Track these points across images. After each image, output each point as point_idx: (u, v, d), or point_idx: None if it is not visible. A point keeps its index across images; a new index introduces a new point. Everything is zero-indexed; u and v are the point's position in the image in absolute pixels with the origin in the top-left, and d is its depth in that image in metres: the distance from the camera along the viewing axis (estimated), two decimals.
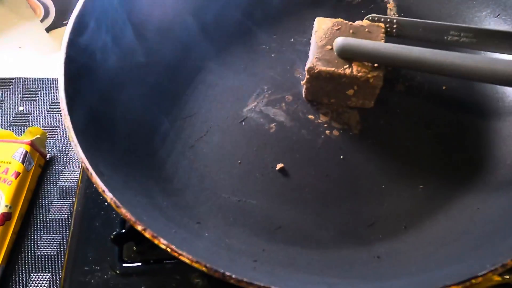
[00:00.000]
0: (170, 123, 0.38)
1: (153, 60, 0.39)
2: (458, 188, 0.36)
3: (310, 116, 0.40)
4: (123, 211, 0.24)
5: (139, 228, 0.24)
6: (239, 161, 0.37)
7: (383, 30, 0.38)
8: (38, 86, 0.54)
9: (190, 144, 0.38)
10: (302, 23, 0.41)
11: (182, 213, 0.32)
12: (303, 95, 0.40)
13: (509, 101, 0.40)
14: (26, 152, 0.44)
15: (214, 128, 0.39)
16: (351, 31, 0.38)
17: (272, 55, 0.43)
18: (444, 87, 0.42)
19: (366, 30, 0.38)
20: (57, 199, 0.45)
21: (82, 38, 0.32)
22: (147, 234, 0.24)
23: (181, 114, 0.39)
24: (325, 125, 0.39)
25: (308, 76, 0.37)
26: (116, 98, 0.35)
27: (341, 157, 0.38)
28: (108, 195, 0.25)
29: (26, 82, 0.54)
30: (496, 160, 0.37)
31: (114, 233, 0.33)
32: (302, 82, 0.39)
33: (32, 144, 0.45)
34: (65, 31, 0.32)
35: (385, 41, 0.38)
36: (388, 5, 0.47)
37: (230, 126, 0.39)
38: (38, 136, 0.46)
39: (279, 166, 0.37)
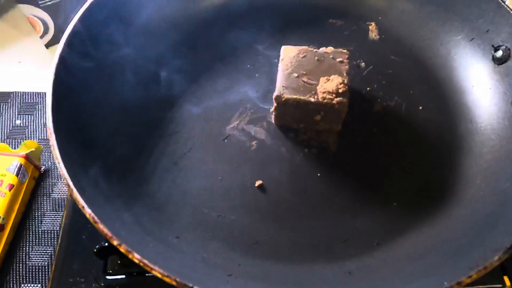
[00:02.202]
0: (155, 140, 0.40)
1: (140, 80, 0.41)
2: (430, 205, 0.37)
3: (290, 135, 0.41)
4: (100, 226, 0.26)
5: (115, 243, 0.26)
6: (220, 178, 0.39)
7: (347, 56, 0.40)
8: (35, 100, 0.55)
9: (174, 160, 0.39)
10: (287, 44, 0.43)
11: (162, 228, 0.34)
12: (273, 121, 0.42)
13: (480, 122, 0.41)
14: (21, 165, 0.46)
15: (198, 145, 0.40)
16: (316, 58, 0.39)
17: (256, 75, 0.45)
18: (420, 108, 0.43)
19: (331, 56, 0.39)
20: (50, 211, 0.46)
21: (71, 60, 0.34)
22: (122, 249, 0.25)
23: (166, 131, 0.41)
24: (304, 143, 0.41)
25: (276, 104, 0.39)
26: (102, 117, 0.37)
27: (318, 174, 0.39)
28: (87, 211, 0.27)
29: (24, 96, 0.56)
30: (466, 179, 0.38)
31: (97, 246, 0.34)
32: (271, 110, 0.40)
33: (27, 157, 0.46)
34: (55, 52, 0.34)
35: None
36: (370, 27, 0.48)
37: (212, 143, 0.41)
38: (33, 149, 0.47)
39: (258, 183, 0.39)
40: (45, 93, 0.55)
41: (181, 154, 0.40)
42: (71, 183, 0.27)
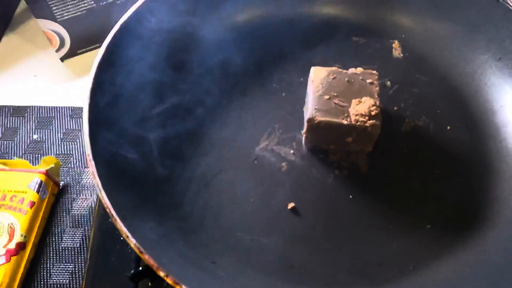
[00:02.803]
0: (185, 162, 0.40)
1: (169, 102, 0.41)
2: (464, 229, 0.37)
3: (319, 156, 0.41)
4: (147, 257, 0.26)
5: (162, 274, 0.25)
6: (252, 200, 0.39)
7: (377, 77, 0.40)
8: (52, 114, 0.55)
9: (205, 182, 0.39)
10: (311, 63, 0.43)
11: (198, 253, 0.34)
12: (302, 142, 0.41)
13: (511, 142, 0.41)
14: (41, 181, 0.45)
15: (227, 166, 0.40)
16: (346, 79, 0.39)
17: (283, 94, 0.45)
18: (448, 127, 0.43)
19: (361, 78, 0.39)
20: (70, 227, 0.46)
21: (105, 86, 0.33)
22: (169, 280, 0.25)
23: (196, 152, 0.41)
24: (334, 164, 0.41)
25: (307, 126, 0.38)
26: (136, 140, 0.36)
27: (350, 196, 0.39)
28: (132, 241, 0.26)
29: (40, 111, 0.55)
30: (499, 201, 0.38)
31: (132, 271, 0.34)
32: (302, 132, 0.40)
33: (47, 173, 0.46)
34: (89, 79, 0.34)
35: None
36: (393, 44, 0.48)
37: (243, 165, 0.40)
38: (53, 165, 0.47)
39: (290, 205, 0.38)
40: (61, 107, 0.55)
41: (212, 176, 0.39)
42: (114, 213, 0.27)
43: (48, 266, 0.44)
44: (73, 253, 0.44)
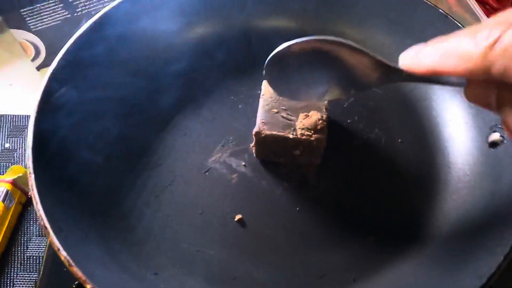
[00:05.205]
0: (137, 174, 0.40)
1: (122, 113, 0.42)
2: (405, 241, 0.38)
3: (270, 168, 0.42)
4: (74, 269, 0.26)
5: (88, 287, 0.26)
6: (200, 211, 0.39)
7: None
8: (25, 123, 0.56)
9: (156, 194, 0.40)
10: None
11: (140, 264, 0.34)
12: (254, 155, 0.42)
13: (457, 156, 0.42)
14: (8, 190, 0.46)
15: (179, 178, 0.41)
16: None
17: (240, 106, 0.46)
18: (399, 140, 0.44)
19: None
20: (36, 236, 0.46)
21: (54, 96, 0.35)
22: None
23: (148, 164, 0.41)
24: (284, 176, 0.41)
25: (255, 139, 0.39)
26: (84, 152, 0.37)
27: (297, 208, 0.40)
28: (63, 254, 0.27)
29: (14, 119, 0.56)
30: (442, 214, 0.38)
31: (76, 282, 0.35)
32: (251, 145, 0.41)
33: (13, 182, 0.47)
34: (39, 87, 0.35)
35: None
36: None
37: (194, 177, 0.41)
38: (21, 174, 0.48)
39: (237, 217, 0.39)
40: None
41: (163, 188, 0.40)
42: (48, 225, 0.28)
43: (12, 275, 0.44)
44: (38, 262, 0.45)
